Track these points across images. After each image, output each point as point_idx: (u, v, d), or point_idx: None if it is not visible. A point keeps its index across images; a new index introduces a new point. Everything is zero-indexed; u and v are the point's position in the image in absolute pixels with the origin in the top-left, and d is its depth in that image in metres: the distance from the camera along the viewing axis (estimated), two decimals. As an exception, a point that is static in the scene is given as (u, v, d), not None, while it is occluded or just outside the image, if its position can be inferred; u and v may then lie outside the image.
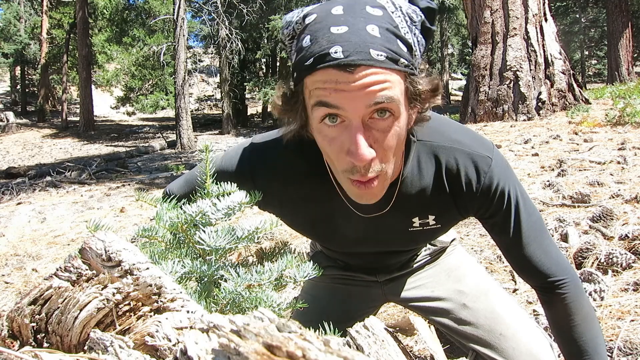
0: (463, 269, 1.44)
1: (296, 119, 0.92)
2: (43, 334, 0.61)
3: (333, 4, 0.83)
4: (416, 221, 1.11)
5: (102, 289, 0.61)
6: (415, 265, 1.42)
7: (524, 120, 8.09)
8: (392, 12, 0.82)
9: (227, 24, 16.60)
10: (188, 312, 0.62)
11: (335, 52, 0.77)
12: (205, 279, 0.80)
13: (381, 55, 0.78)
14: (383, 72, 0.79)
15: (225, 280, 0.76)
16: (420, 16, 0.86)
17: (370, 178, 0.88)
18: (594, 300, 1.92)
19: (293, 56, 0.87)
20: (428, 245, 1.43)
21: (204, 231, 0.78)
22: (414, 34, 0.85)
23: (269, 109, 20.69)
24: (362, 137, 0.81)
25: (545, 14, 8.88)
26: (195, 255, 0.83)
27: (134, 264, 0.65)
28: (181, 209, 0.82)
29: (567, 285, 1.09)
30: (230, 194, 0.85)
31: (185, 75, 15.20)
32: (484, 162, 1.01)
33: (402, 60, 0.81)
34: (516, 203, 1.04)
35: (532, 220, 1.06)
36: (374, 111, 0.82)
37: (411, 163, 1.02)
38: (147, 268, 0.65)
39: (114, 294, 0.60)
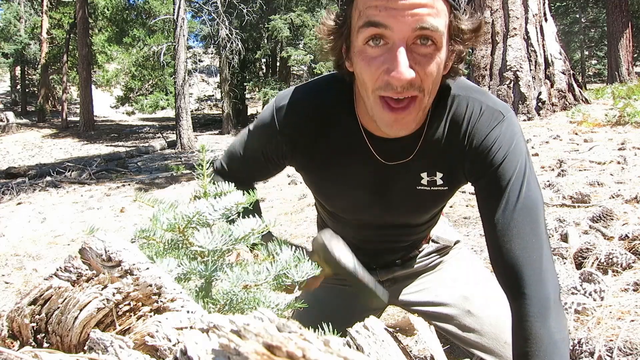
0: (468, 273, 1.41)
1: (337, 46, 0.97)
2: (43, 334, 0.61)
3: None
4: (424, 177, 1.10)
5: (102, 289, 0.61)
6: (417, 265, 1.39)
7: (524, 120, 8.09)
8: None
9: (227, 24, 16.59)
10: (188, 312, 0.62)
11: None
12: (203, 280, 0.79)
13: None
14: None
15: (222, 281, 0.75)
16: None
17: (404, 104, 0.90)
18: (594, 300, 1.91)
19: None
20: (430, 243, 1.39)
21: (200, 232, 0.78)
22: None
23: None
24: (404, 56, 0.85)
25: (545, 14, 8.88)
26: (193, 256, 0.82)
27: (134, 264, 0.65)
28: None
29: (531, 302, 0.94)
30: (227, 193, 0.84)
31: (185, 75, 15.19)
32: (497, 116, 1.02)
33: None
34: (514, 170, 0.99)
35: (530, 202, 0.97)
36: (418, 37, 0.85)
37: (439, 111, 1.04)
38: (147, 268, 0.65)
39: (114, 294, 0.60)
